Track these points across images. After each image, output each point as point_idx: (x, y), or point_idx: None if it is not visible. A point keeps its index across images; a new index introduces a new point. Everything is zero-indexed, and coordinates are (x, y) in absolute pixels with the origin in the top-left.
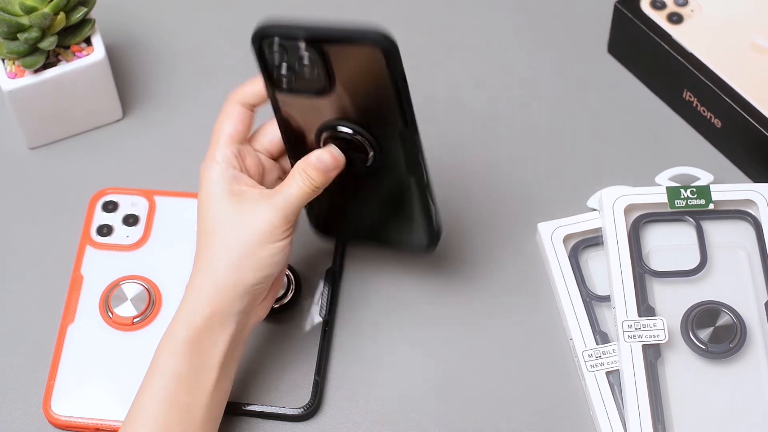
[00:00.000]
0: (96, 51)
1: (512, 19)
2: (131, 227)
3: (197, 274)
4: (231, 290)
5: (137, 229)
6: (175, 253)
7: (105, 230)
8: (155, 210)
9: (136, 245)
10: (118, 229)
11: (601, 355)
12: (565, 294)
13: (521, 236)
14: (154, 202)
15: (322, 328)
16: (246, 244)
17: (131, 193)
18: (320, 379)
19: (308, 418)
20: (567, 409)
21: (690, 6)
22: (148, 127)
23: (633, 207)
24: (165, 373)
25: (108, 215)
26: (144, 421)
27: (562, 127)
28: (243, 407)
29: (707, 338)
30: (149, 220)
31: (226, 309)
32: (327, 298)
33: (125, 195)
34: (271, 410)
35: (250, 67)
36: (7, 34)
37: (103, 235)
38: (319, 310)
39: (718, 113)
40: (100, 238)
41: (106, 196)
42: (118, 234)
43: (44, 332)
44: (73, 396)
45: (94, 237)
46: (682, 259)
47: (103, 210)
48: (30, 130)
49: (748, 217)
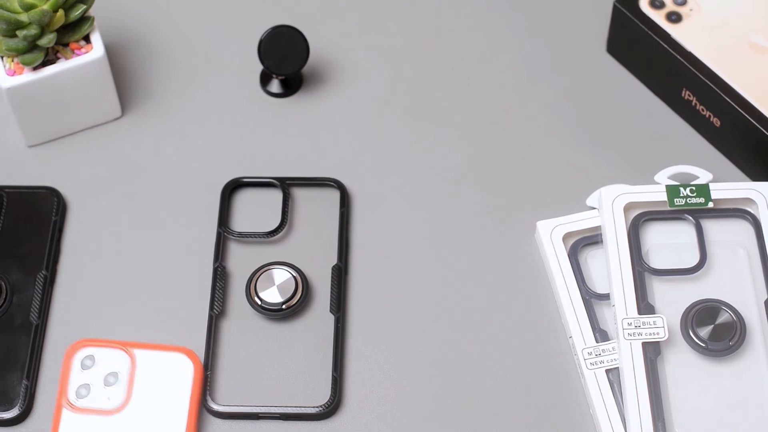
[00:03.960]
0: (95, 49)
1: (511, 19)
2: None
3: None
4: None
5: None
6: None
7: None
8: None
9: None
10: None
11: (600, 353)
12: (564, 292)
13: (521, 235)
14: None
15: (335, 325)
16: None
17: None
18: (338, 375)
19: (329, 416)
20: (566, 408)
21: (689, 5)
22: (147, 126)
23: (632, 205)
24: None
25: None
26: None
27: (561, 125)
28: (262, 411)
29: (707, 336)
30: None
31: None
32: (336, 295)
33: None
34: (291, 411)
35: (248, 66)
36: (6, 31)
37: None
38: (330, 308)
39: (717, 112)
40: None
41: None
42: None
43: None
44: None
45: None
46: (681, 258)
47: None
48: (29, 127)
49: (748, 215)
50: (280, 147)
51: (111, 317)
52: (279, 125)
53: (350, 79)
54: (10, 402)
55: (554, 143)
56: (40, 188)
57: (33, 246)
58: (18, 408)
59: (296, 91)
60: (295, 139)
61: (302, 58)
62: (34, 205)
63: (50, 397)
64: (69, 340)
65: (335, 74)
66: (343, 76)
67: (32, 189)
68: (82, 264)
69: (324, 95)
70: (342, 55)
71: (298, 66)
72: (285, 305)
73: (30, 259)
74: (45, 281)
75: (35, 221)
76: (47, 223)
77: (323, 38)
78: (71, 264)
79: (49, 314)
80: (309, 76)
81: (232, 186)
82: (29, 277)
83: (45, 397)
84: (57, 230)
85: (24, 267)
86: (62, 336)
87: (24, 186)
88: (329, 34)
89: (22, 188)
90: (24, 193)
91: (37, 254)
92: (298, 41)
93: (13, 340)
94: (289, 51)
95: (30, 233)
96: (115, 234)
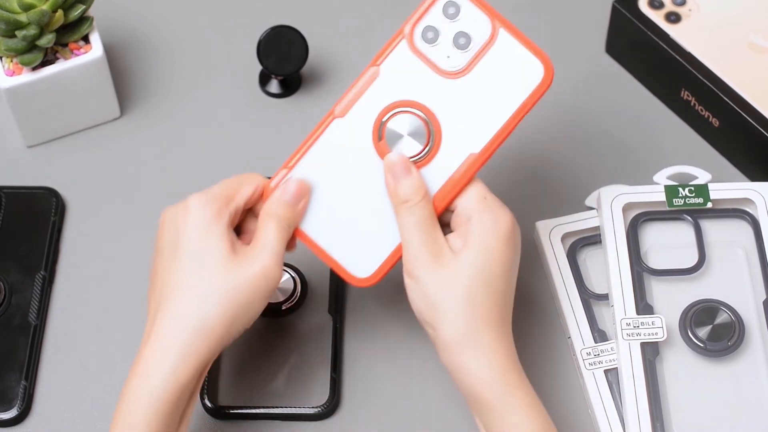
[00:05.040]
0: (94, 49)
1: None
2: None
3: (171, 323)
4: (219, 342)
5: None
6: None
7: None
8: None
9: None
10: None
11: (599, 353)
12: (563, 292)
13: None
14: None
15: (333, 325)
16: (243, 300)
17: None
18: (337, 376)
19: (327, 416)
20: (565, 408)
21: (688, 5)
22: (146, 126)
23: (631, 205)
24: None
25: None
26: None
27: (560, 126)
28: (260, 411)
29: (706, 336)
30: None
31: (209, 359)
32: (333, 295)
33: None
34: (289, 411)
35: (247, 66)
36: (5, 31)
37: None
38: (328, 308)
39: (716, 112)
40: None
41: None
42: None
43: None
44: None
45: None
46: (680, 258)
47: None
48: (28, 127)
49: (746, 215)
50: (279, 147)
51: (110, 317)
52: (278, 125)
53: (349, 80)
54: (8, 402)
55: (553, 143)
56: (38, 188)
57: (32, 246)
58: (16, 408)
59: (295, 92)
60: (294, 139)
61: (301, 59)
62: (32, 206)
63: (49, 398)
64: (68, 340)
65: (334, 75)
66: (342, 76)
67: (31, 189)
68: (81, 264)
69: (323, 95)
70: (341, 56)
71: (297, 66)
72: (284, 306)
73: (29, 259)
74: (44, 281)
75: (34, 221)
76: (46, 223)
77: (322, 39)
78: (70, 264)
79: (47, 314)
80: (308, 77)
81: None
82: (28, 277)
83: (43, 397)
84: (56, 230)
85: (23, 267)
86: (61, 336)
87: (23, 186)
88: (328, 34)
89: (20, 188)
90: (23, 194)
91: (35, 254)
92: (297, 41)
93: (11, 341)
94: (289, 51)
95: (29, 233)
96: (113, 234)
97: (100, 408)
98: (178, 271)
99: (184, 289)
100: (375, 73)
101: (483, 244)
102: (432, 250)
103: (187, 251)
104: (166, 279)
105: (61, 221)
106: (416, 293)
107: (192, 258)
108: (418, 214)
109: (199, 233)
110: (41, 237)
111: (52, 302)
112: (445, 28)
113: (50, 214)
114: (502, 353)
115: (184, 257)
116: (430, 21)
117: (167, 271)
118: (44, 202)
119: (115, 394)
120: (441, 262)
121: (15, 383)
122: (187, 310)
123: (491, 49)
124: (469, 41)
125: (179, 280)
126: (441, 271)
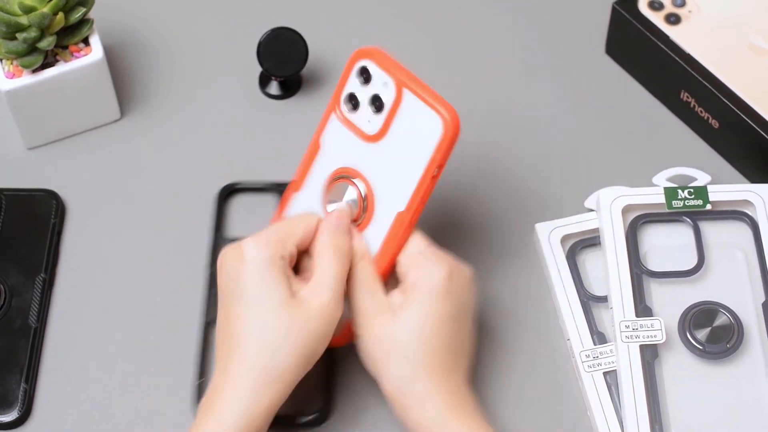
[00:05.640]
0: (94, 51)
1: (510, 20)
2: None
3: (243, 369)
4: (291, 384)
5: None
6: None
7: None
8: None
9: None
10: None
11: (598, 355)
12: (562, 294)
13: (519, 237)
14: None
15: None
16: (310, 341)
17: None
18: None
19: (320, 423)
20: (564, 410)
21: (688, 7)
22: (146, 128)
23: (630, 207)
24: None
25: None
26: None
27: (559, 127)
28: None
29: (704, 338)
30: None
31: (280, 401)
32: None
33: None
34: (282, 417)
35: (247, 68)
36: (5, 33)
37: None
38: None
39: (715, 114)
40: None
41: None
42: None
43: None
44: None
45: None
46: (679, 260)
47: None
48: (28, 130)
49: (745, 217)
50: (279, 149)
51: (110, 320)
52: (278, 127)
53: None
54: (8, 405)
55: (552, 145)
56: (38, 191)
57: (32, 249)
58: (17, 411)
59: (295, 93)
60: (294, 141)
61: (301, 60)
62: (33, 208)
63: (50, 401)
64: (68, 343)
65: (334, 76)
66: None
67: (31, 191)
68: (81, 267)
69: (323, 97)
70: (341, 57)
71: (297, 68)
72: None
73: (29, 261)
74: (44, 284)
75: (34, 224)
76: (46, 225)
77: (322, 40)
78: (70, 267)
79: (48, 317)
80: (308, 78)
81: (227, 191)
82: (28, 280)
83: (44, 400)
84: (56, 233)
85: (23, 270)
86: (61, 339)
87: (23, 188)
88: (328, 36)
89: (20, 191)
90: (23, 196)
91: (35, 257)
92: (297, 43)
93: (12, 344)
94: (289, 53)
95: (29, 236)
96: (113, 236)
97: (100, 410)
98: (243, 321)
99: (251, 341)
100: (316, 146)
101: (418, 300)
102: (372, 310)
103: (247, 301)
104: (234, 326)
105: (62, 223)
106: (361, 348)
107: (252, 307)
108: (358, 276)
109: (256, 281)
110: (41, 239)
111: (52, 305)
112: (362, 94)
113: (50, 216)
114: (442, 401)
115: (246, 307)
116: (351, 88)
117: (233, 318)
118: (44, 204)
119: (116, 396)
120: (379, 321)
121: (15, 386)
122: (260, 360)
123: (399, 108)
124: (382, 104)
125: (246, 332)
126: (379, 329)
